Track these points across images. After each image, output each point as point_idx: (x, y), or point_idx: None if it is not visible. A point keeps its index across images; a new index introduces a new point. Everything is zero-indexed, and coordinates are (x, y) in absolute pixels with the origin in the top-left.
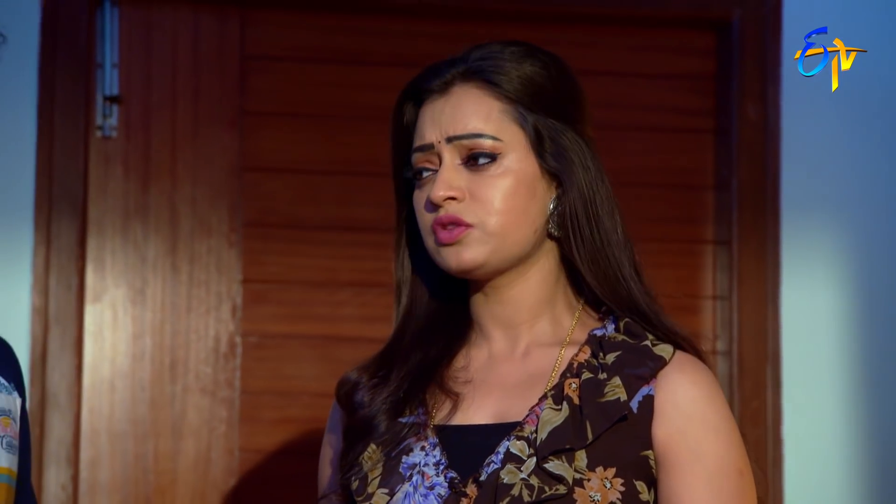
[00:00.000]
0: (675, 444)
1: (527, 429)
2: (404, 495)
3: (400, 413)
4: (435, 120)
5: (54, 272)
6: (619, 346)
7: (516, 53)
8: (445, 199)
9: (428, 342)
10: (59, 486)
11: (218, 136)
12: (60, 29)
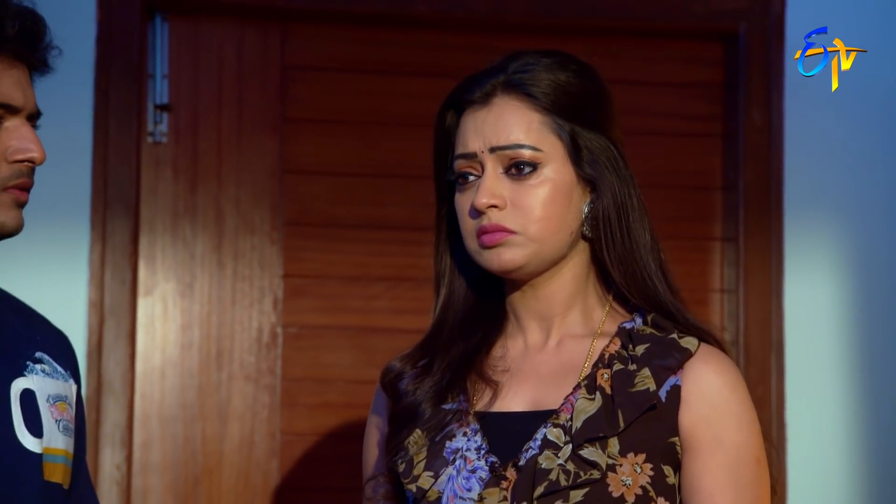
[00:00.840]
0: (700, 431)
1: (562, 416)
2: (448, 478)
3: (443, 400)
4: (478, 130)
5: (109, 268)
6: (647, 339)
7: (551, 65)
8: (489, 206)
9: (467, 334)
10: (114, 466)
11: (260, 141)
12: (114, 42)
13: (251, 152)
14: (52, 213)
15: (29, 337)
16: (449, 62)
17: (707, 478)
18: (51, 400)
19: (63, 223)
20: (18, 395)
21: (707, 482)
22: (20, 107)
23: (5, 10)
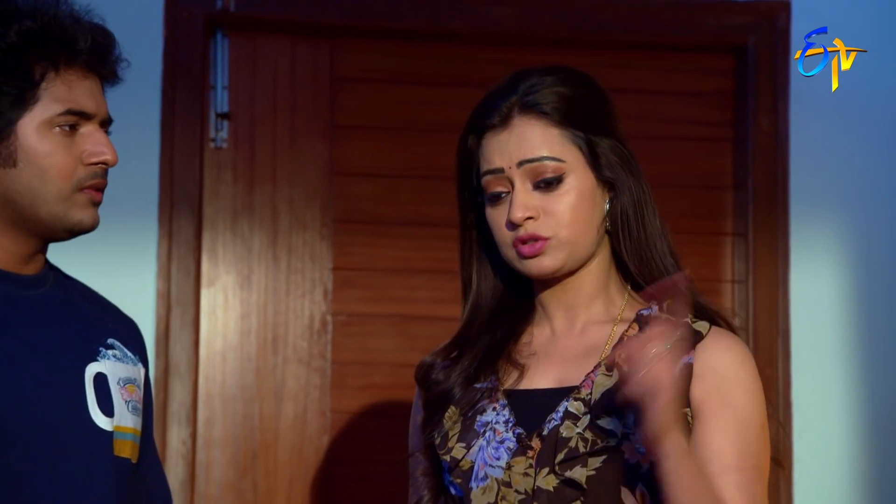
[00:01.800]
0: (710, 397)
1: (583, 391)
2: (479, 448)
3: (474, 382)
4: (502, 149)
5: (175, 262)
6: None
7: (556, 81)
8: (525, 219)
9: (495, 326)
10: (181, 442)
11: (312, 145)
12: (179, 56)
13: (303, 156)
14: (124, 212)
15: (102, 325)
16: (481, 73)
17: (716, 435)
18: (121, 382)
19: (133, 221)
20: (92, 378)
21: (716, 439)
22: (93, 114)
23: (78, 27)
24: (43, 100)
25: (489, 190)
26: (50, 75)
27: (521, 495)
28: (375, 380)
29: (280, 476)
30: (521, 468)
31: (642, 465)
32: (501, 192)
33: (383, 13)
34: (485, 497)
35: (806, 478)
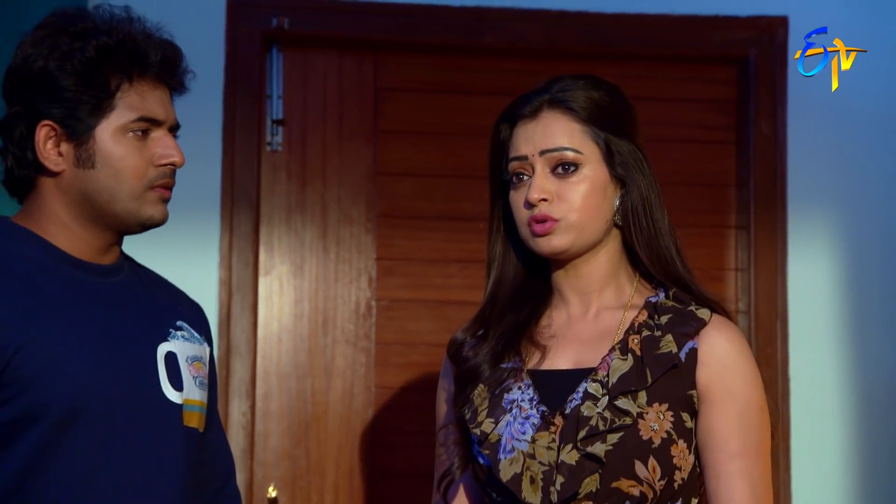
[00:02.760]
0: (714, 385)
1: (600, 373)
2: (506, 423)
3: (499, 361)
4: (528, 138)
5: (235, 253)
6: (669, 311)
7: (586, 85)
8: (539, 200)
9: (518, 307)
10: (241, 414)
11: (357, 148)
12: (239, 69)
13: (350, 158)
14: (190, 208)
15: (171, 309)
16: (510, 84)
17: (721, 423)
18: (189, 360)
19: (198, 216)
20: (163, 356)
21: (721, 427)
22: (163, 120)
23: (150, 43)
24: (118, 108)
25: (514, 174)
26: (124, 86)
27: (544, 467)
28: (414, 358)
29: (330, 444)
30: (544, 442)
31: (654, 441)
32: (524, 176)
33: (421, 29)
34: (512, 468)
35: (802, 445)
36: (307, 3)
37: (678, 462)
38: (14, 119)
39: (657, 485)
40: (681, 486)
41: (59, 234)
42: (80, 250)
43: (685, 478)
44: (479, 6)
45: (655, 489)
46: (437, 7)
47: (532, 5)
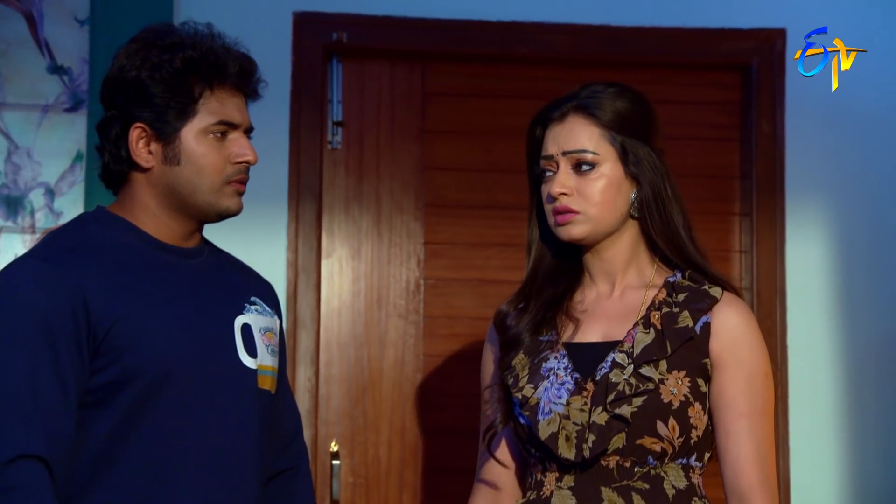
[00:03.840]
0: (725, 354)
1: (626, 345)
2: (544, 389)
3: (538, 332)
4: (555, 139)
5: (301, 238)
6: (685, 289)
7: (613, 94)
8: (560, 194)
9: (554, 284)
10: (307, 379)
11: (407, 146)
12: (304, 78)
13: (400, 155)
14: (261, 200)
15: (246, 287)
16: (540, 89)
17: (731, 387)
18: (262, 331)
19: (269, 207)
20: (240, 327)
21: (731, 390)
22: (239, 124)
23: (228, 55)
24: (200, 112)
25: (544, 169)
26: (206, 93)
27: (577, 426)
28: (457, 330)
29: (384, 405)
30: (577, 405)
31: (674, 404)
32: (550, 173)
33: (463, 41)
34: (549, 427)
35: (798, 403)
36: (363, 20)
37: (694, 422)
38: (110, 121)
39: (676, 441)
40: (696, 442)
41: (148, 222)
42: (166, 236)
43: (700, 435)
44: (513, 21)
45: (674, 445)
46: (476, 22)
47: (560, 20)
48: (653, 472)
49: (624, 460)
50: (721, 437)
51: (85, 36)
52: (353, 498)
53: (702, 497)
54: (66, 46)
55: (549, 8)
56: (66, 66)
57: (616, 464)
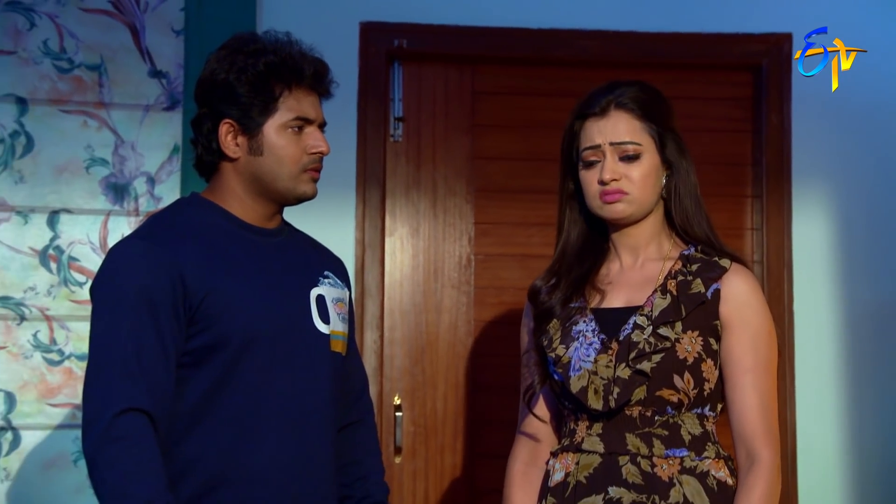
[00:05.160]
0: (733, 317)
1: (646, 309)
2: (574, 349)
3: (569, 301)
4: (601, 131)
5: (367, 219)
6: (698, 261)
7: (639, 90)
8: (611, 179)
9: (582, 260)
10: (373, 341)
11: (459, 139)
12: (370, 79)
13: (453, 146)
14: (333, 186)
15: (320, 262)
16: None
17: (737, 345)
18: (334, 301)
19: (340, 192)
20: (315, 298)
21: (737, 348)
22: (314, 119)
23: (305, 60)
24: (280, 109)
25: (587, 159)
26: (285, 93)
27: (604, 381)
28: (504, 299)
29: (440, 364)
30: (604, 362)
31: (688, 360)
32: (595, 161)
33: (507, 46)
34: (579, 382)
35: (804, 362)
36: (420, 28)
37: (706, 376)
38: (202, 118)
39: (691, 393)
40: (709, 394)
41: (235, 205)
42: (251, 218)
43: (712, 388)
44: (551, 28)
45: (690, 396)
46: (519, 29)
47: (592, 27)
48: (671, 420)
49: (645, 410)
50: (729, 389)
51: (180, 44)
52: (414, 445)
53: (715, 442)
54: (164, 53)
55: (582, 16)
56: (165, 71)
57: (638, 413)
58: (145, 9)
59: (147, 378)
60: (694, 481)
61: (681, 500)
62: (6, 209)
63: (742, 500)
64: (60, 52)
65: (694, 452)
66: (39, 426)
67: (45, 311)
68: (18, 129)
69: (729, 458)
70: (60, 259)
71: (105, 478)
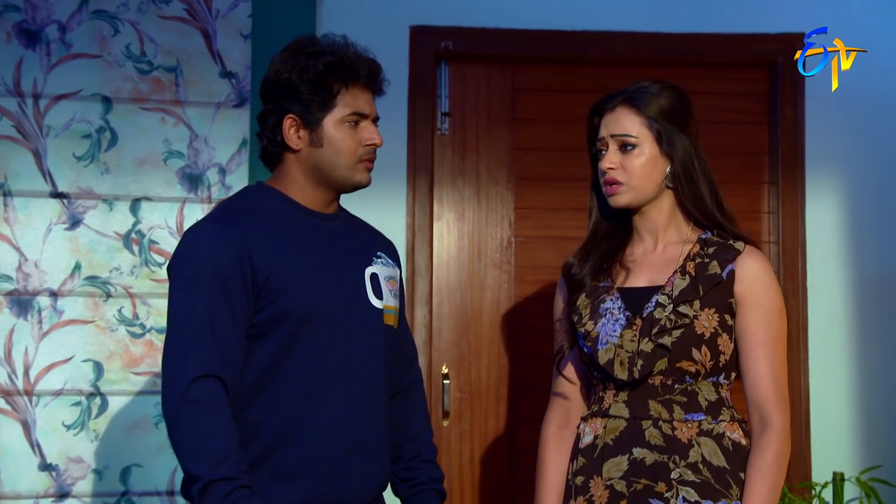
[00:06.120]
0: (747, 295)
1: (667, 289)
2: (602, 324)
3: (597, 279)
4: (606, 125)
5: (417, 205)
6: (714, 244)
7: (655, 89)
8: (608, 168)
9: (610, 241)
10: (423, 316)
11: (500, 131)
12: (419, 77)
13: (495, 138)
14: (386, 174)
15: (374, 244)
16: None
17: (751, 321)
18: (386, 279)
19: (392, 180)
20: (369, 276)
21: (751, 323)
22: (368, 114)
23: (360, 60)
24: (338, 106)
25: (599, 149)
26: (343, 90)
27: (629, 353)
28: (542, 277)
29: (483, 336)
30: (629, 337)
31: (705, 335)
32: (602, 151)
33: (544, 47)
34: (607, 354)
35: (816, 333)
36: (465, 31)
37: (722, 349)
38: (268, 114)
39: (707, 364)
40: (724, 364)
41: (297, 192)
42: (311, 203)
43: (727, 359)
44: (584, 30)
45: (706, 367)
46: (555, 31)
47: (621, 28)
48: (689, 388)
49: (666, 379)
50: (743, 360)
51: (248, 47)
52: (460, 409)
53: (729, 407)
54: (233, 56)
55: (612, 19)
56: (234, 72)
57: (660, 382)
58: (216, 16)
59: (219, 347)
60: (711, 442)
61: (699, 459)
62: (93, 197)
63: (756, 459)
64: (141, 55)
65: (710, 416)
66: (124, 392)
67: (128, 289)
68: (104, 125)
69: (743, 421)
70: (142, 242)
71: (182, 438)
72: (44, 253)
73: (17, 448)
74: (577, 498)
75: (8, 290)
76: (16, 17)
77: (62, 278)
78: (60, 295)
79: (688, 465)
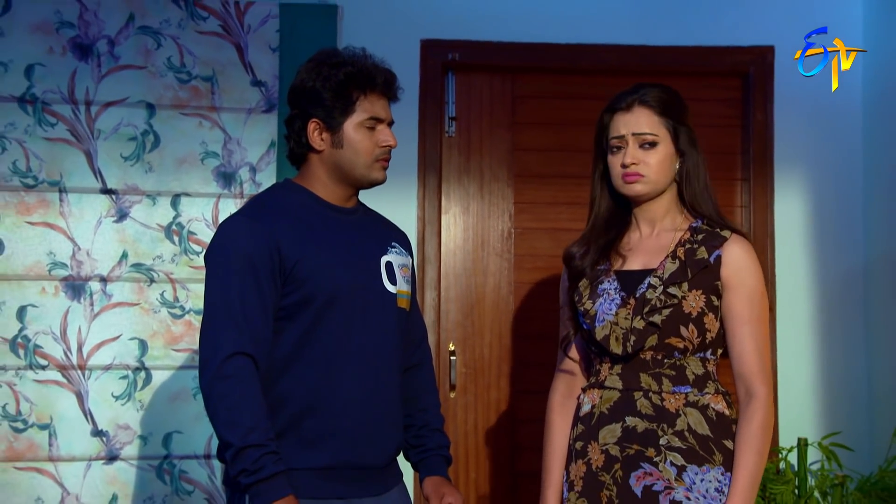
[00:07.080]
0: (732, 278)
1: (658, 272)
2: (600, 304)
3: (597, 264)
4: (626, 123)
5: (427, 200)
6: (703, 232)
7: (660, 90)
8: (631, 164)
9: (609, 229)
10: (432, 299)
11: (501, 134)
12: (428, 85)
13: (498, 140)
14: (399, 173)
15: (388, 235)
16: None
17: (736, 302)
18: (400, 266)
19: (404, 178)
20: (384, 264)
21: (736, 304)
22: (384, 119)
23: (377, 70)
24: (357, 111)
25: (614, 146)
26: (361, 97)
27: (623, 330)
28: (538, 265)
29: (486, 318)
30: (623, 315)
31: (693, 314)
32: (620, 148)
33: (542, 58)
34: (603, 331)
35: (783, 315)
36: (470, 44)
37: (708, 327)
38: (294, 118)
39: (695, 341)
40: (710, 341)
41: (320, 189)
42: (333, 199)
43: (713, 337)
44: (577, 43)
45: (693, 343)
46: (551, 44)
47: (611, 41)
48: (678, 362)
49: (657, 354)
50: (730, 338)
51: (276, 59)
52: (465, 383)
53: (715, 381)
54: (263, 67)
55: (603, 33)
56: (263, 81)
57: (651, 356)
58: (248, 31)
59: (251, 327)
60: (696, 412)
61: (685, 427)
62: (138, 193)
63: (743, 428)
64: (181, 66)
65: (697, 389)
66: (166, 367)
67: (169, 275)
68: (148, 129)
69: (727, 394)
70: (181, 233)
71: (216, 409)
72: (95, 243)
73: (71, 416)
74: (577, 461)
75: (63, 276)
76: (70, 33)
77: (111, 265)
78: (109, 280)
79: (675, 432)
